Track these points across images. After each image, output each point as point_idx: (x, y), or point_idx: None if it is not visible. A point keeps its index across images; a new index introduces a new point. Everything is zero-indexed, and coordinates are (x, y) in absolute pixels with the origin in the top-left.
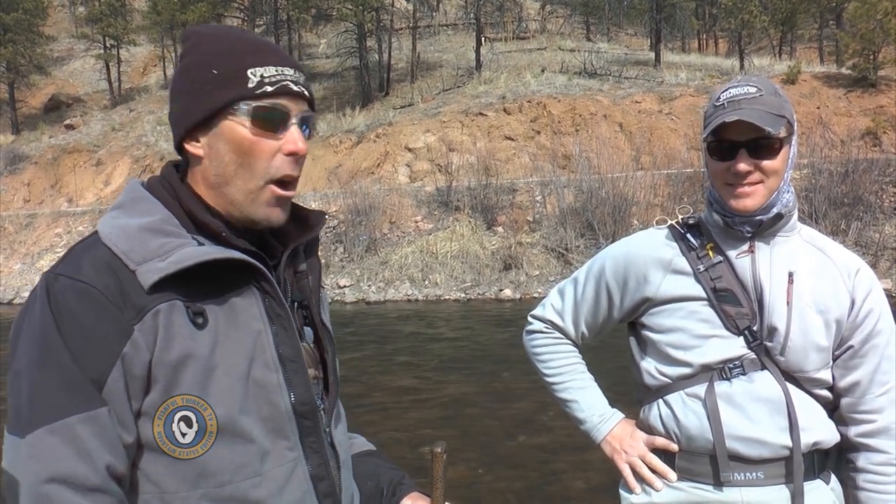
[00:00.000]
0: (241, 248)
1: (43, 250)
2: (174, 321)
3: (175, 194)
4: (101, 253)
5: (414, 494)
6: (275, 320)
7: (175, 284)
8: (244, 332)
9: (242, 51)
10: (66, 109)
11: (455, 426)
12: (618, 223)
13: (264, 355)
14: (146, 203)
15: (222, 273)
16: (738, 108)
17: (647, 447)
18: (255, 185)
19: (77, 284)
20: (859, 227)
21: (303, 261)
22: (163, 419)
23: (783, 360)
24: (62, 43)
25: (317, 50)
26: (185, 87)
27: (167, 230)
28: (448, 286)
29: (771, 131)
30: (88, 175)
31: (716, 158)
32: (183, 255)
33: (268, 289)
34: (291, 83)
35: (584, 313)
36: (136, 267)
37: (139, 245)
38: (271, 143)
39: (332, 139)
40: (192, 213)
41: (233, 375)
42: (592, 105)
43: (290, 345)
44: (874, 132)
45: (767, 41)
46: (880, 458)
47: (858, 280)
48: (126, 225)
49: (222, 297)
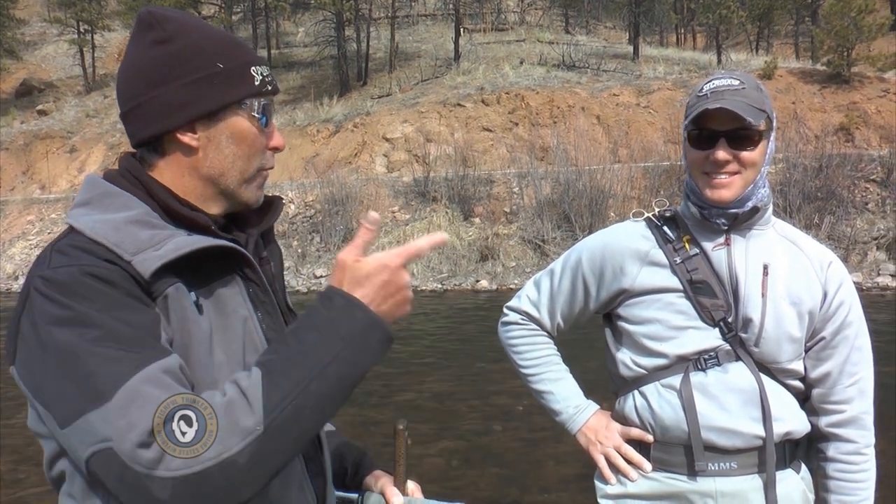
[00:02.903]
0: (225, 238)
1: (14, 238)
2: (183, 304)
3: (145, 188)
4: (91, 246)
5: (377, 472)
6: (259, 306)
7: (170, 274)
8: (233, 318)
9: (235, 46)
10: (39, 95)
11: (431, 417)
12: (595, 215)
13: (254, 340)
14: (120, 197)
15: (208, 262)
16: (722, 98)
17: (622, 438)
18: (251, 175)
19: (83, 269)
20: (832, 221)
21: (263, 248)
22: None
23: (757, 350)
24: (34, 27)
25: (294, 38)
26: (180, 76)
27: (153, 223)
28: (424, 277)
29: (752, 122)
30: (62, 162)
31: (695, 147)
32: (177, 242)
33: (251, 275)
34: (275, 82)
35: (559, 305)
36: (131, 258)
37: (129, 237)
38: (262, 136)
39: (310, 128)
40: (169, 208)
41: (233, 361)
42: (570, 97)
43: (275, 329)
44: (847, 128)
45: (744, 36)
46: (849, 448)
47: (830, 273)
48: (109, 219)
49: (209, 287)
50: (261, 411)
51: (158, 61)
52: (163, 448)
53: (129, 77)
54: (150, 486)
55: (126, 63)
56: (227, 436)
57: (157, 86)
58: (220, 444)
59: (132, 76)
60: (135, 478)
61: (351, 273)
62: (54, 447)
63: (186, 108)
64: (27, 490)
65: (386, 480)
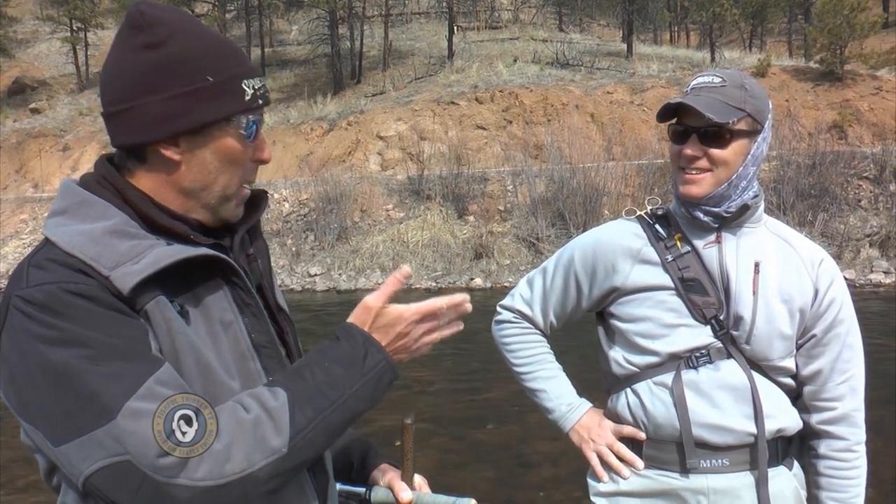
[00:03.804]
0: (206, 245)
1: (7, 237)
2: (166, 315)
3: (122, 195)
4: (67, 260)
5: (384, 466)
6: (244, 309)
7: (151, 287)
8: (217, 325)
9: (229, 57)
10: (31, 93)
11: (425, 415)
12: (589, 213)
13: (239, 345)
14: (97, 206)
15: (190, 270)
16: (697, 96)
17: (614, 436)
18: (231, 191)
19: (63, 286)
20: (825, 218)
21: (249, 244)
22: (162, 418)
23: (748, 348)
24: (26, 25)
25: (288, 36)
26: (166, 87)
27: (132, 232)
28: (419, 275)
29: (713, 118)
30: (55, 160)
31: (673, 142)
32: (157, 255)
33: (235, 280)
34: (267, 95)
35: (552, 303)
36: (109, 272)
37: (108, 249)
38: (248, 151)
39: (303, 126)
40: (148, 217)
41: (223, 366)
42: (564, 95)
43: (262, 331)
44: (840, 125)
45: (738, 34)
46: (840, 445)
47: (822, 270)
48: (87, 230)
49: (193, 294)
50: (287, 434)
51: (145, 68)
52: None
53: (114, 79)
54: (172, 492)
55: (112, 62)
56: (253, 452)
57: (142, 95)
58: (246, 460)
59: (117, 79)
60: (154, 487)
61: (376, 318)
62: (48, 461)
63: (170, 123)
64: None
65: (393, 475)
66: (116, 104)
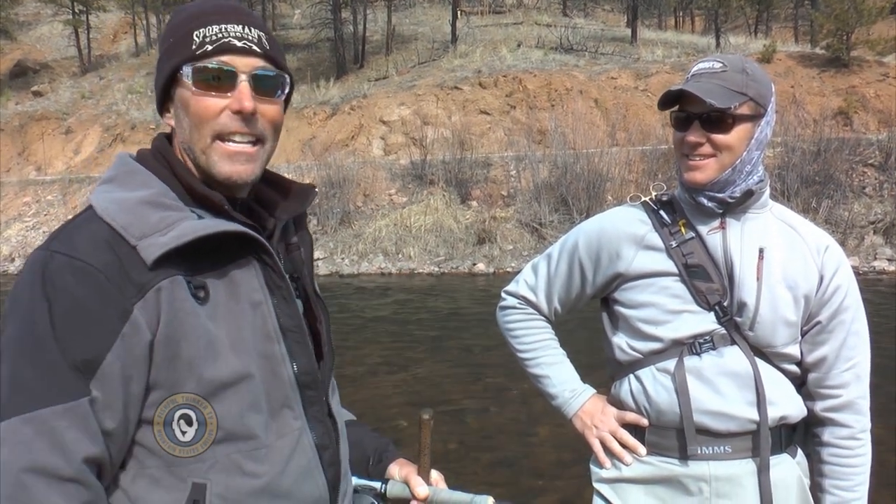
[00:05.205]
0: (240, 221)
1: (11, 219)
2: (177, 297)
3: (170, 167)
4: (99, 228)
5: (400, 461)
6: (275, 291)
7: (177, 259)
8: (245, 303)
9: (194, 15)
10: (34, 76)
11: (427, 400)
12: (592, 199)
13: (265, 327)
14: (141, 175)
15: (222, 246)
16: (697, 82)
17: (617, 422)
18: (204, 144)
19: (74, 263)
20: (830, 205)
21: (293, 234)
22: (162, 418)
23: (752, 335)
24: (28, 7)
25: (291, 20)
26: (159, 59)
27: (166, 203)
28: (422, 260)
29: (715, 104)
30: (57, 143)
31: (676, 129)
32: (184, 228)
33: (267, 261)
34: (235, 39)
35: (557, 289)
36: (136, 242)
37: (139, 219)
38: (217, 102)
39: (306, 111)
40: (190, 187)
41: (238, 349)
42: (568, 80)
43: (290, 315)
44: (846, 112)
45: (744, 20)
46: (844, 433)
47: (827, 257)
48: (123, 199)
49: (223, 270)
50: None
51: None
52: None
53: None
54: None
55: None
56: None
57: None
58: None
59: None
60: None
61: None
62: None
63: (155, 93)
64: None
65: (409, 470)
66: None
